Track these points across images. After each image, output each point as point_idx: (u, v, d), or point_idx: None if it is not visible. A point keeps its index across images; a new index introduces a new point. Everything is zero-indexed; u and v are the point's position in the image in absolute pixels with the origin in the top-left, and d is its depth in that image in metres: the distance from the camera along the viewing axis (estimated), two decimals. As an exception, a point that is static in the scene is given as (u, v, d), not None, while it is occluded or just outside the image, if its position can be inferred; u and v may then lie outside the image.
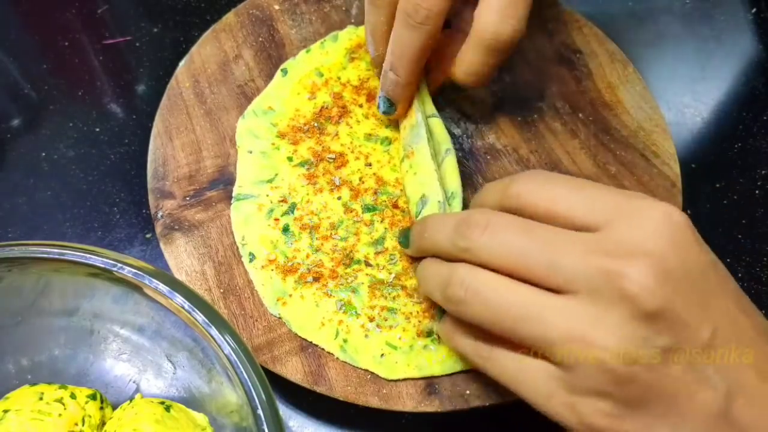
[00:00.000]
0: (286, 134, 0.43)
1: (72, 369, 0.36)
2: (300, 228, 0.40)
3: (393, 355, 0.37)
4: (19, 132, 0.48)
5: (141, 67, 0.51)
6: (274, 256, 0.39)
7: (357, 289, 0.39)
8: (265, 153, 0.42)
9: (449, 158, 0.41)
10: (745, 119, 0.51)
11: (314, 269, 0.39)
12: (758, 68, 0.53)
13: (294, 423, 0.39)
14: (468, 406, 0.36)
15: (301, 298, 0.38)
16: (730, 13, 0.56)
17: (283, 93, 0.45)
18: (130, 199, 0.46)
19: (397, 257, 0.40)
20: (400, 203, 0.41)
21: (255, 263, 0.39)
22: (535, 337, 0.28)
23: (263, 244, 0.40)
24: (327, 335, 0.38)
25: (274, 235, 0.40)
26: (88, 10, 0.53)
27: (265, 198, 0.41)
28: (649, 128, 0.45)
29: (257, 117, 0.44)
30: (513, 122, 0.45)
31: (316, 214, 0.41)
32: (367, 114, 0.44)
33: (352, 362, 0.37)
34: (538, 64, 0.47)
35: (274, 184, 0.42)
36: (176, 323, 0.33)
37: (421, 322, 0.38)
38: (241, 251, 0.40)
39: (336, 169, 0.42)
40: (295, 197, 0.41)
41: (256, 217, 0.41)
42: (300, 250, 0.40)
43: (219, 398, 0.33)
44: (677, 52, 0.54)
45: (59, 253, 0.32)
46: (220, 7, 0.53)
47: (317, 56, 0.46)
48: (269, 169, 0.42)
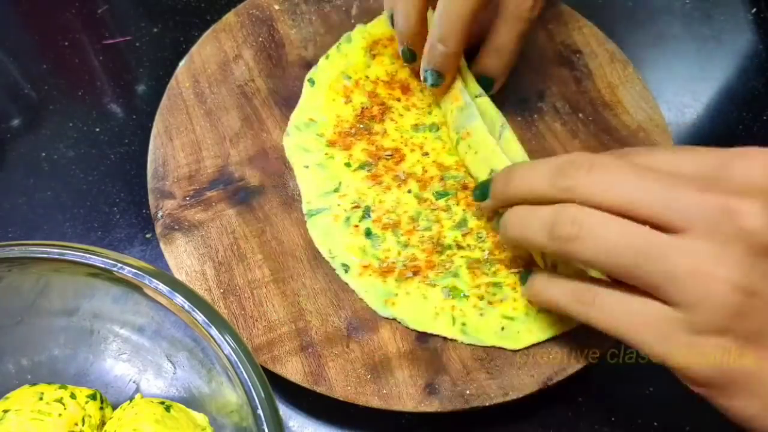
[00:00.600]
0: (335, 142, 0.43)
1: (72, 369, 0.36)
2: (382, 228, 0.41)
3: (513, 326, 0.38)
4: (19, 132, 0.48)
5: (141, 67, 0.51)
6: (368, 262, 0.40)
7: (457, 272, 0.39)
8: (322, 164, 0.43)
9: (507, 133, 0.41)
10: (745, 119, 0.51)
11: (410, 264, 0.40)
12: (758, 68, 0.53)
13: (294, 423, 0.39)
14: (468, 406, 0.36)
15: (407, 294, 0.39)
16: (730, 13, 0.56)
17: (317, 103, 0.44)
18: (130, 199, 0.46)
19: (484, 234, 0.40)
20: (468, 183, 0.42)
21: (351, 273, 0.40)
22: (658, 275, 0.28)
23: (352, 252, 0.40)
24: (445, 323, 0.38)
25: (359, 241, 0.40)
26: (88, 10, 0.53)
27: (337, 208, 0.41)
28: (649, 128, 0.45)
29: (301, 131, 0.44)
30: (513, 122, 0.45)
31: (393, 212, 0.41)
32: (408, 106, 0.44)
33: (478, 342, 0.38)
34: (538, 64, 0.47)
35: (341, 193, 0.42)
36: (176, 323, 0.33)
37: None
38: (332, 265, 0.40)
39: (396, 164, 0.42)
40: (366, 200, 0.41)
41: (336, 228, 0.41)
42: (390, 250, 0.40)
43: (219, 398, 0.33)
44: (677, 52, 0.54)
45: (59, 253, 0.32)
46: (220, 7, 0.53)
47: (338, 60, 0.46)
48: (331, 179, 0.42)
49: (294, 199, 0.42)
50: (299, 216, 0.42)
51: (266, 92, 0.46)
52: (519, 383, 0.37)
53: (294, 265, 0.40)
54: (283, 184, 0.43)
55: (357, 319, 0.39)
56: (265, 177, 0.43)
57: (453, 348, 0.38)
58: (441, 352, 0.38)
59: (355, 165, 0.43)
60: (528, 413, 0.40)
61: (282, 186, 0.43)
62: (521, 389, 0.37)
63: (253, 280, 0.40)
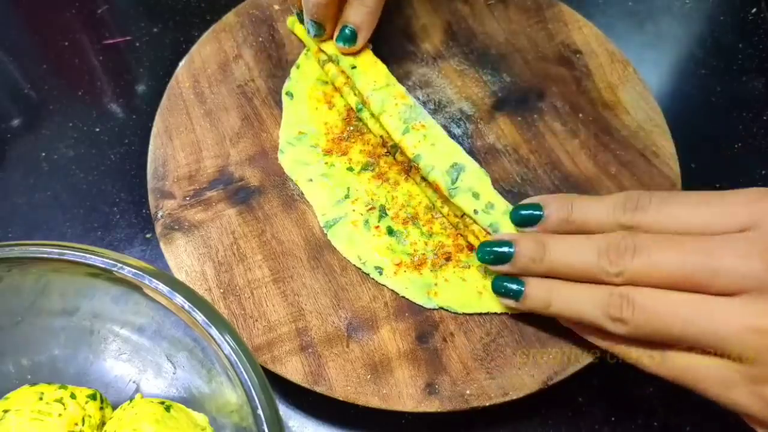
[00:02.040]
0: (331, 150, 0.43)
1: (72, 369, 0.36)
2: (402, 224, 0.41)
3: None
4: (19, 132, 0.48)
5: (141, 67, 0.51)
6: (399, 260, 0.40)
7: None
8: (325, 174, 0.43)
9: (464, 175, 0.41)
10: (745, 119, 0.51)
11: (440, 252, 0.40)
12: (758, 68, 0.53)
13: (294, 423, 0.39)
14: (468, 406, 0.36)
15: (446, 282, 0.39)
16: (730, 13, 0.56)
17: (302, 115, 0.44)
18: (130, 199, 0.46)
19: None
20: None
21: (386, 274, 0.40)
22: (708, 335, 0.29)
23: (381, 254, 0.40)
24: (491, 300, 0.38)
25: (384, 241, 0.40)
26: (88, 10, 0.53)
27: (352, 213, 0.41)
28: (649, 128, 0.45)
29: (295, 146, 0.44)
30: (513, 122, 0.45)
31: (408, 205, 0.42)
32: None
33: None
34: (538, 64, 0.48)
35: (352, 198, 0.42)
36: (176, 323, 0.33)
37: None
38: (365, 270, 0.40)
39: (398, 156, 0.43)
40: (379, 200, 0.42)
41: (358, 234, 0.41)
42: (417, 242, 0.40)
43: (219, 398, 0.33)
44: (677, 52, 0.54)
45: (59, 253, 0.32)
46: (220, 7, 0.53)
47: (310, 68, 0.46)
48: (338, 186, 0.42)
49: (294, 199, 0.42)
50: (299, 216, 0.42)
51: (266, 92, 0.46)
52: (519, 383, 0.37)
53: (294, 265, 0.40)
54: (283, 184, 0.43)
55: (357, 319, 0.39)
56: (265, 177, 0.43)
57: (453, 348, 0.38)
58: (441, 352, 0.38)
59: (357, 168, 0.43)
60: (528, 413, 0.40)
61: (282, 186, 0.43)
62: (521, 389, 0.37)
63: (253, 280, 0.40)
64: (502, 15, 0.50)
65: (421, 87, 0.47)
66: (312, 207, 0.42)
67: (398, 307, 0.39)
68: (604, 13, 0.54)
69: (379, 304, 0.39)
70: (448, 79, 0.47)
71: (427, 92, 0.46)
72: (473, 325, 0.39)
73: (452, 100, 0.46)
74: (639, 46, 0.53)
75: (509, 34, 0.49)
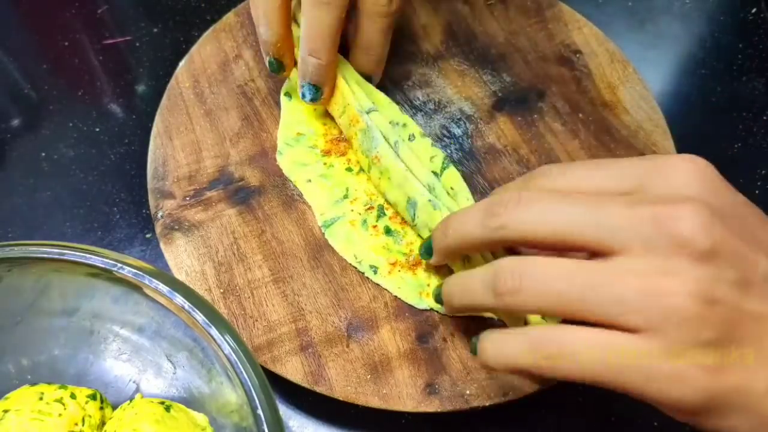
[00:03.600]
0: (330, 150, 0.43)
1: (72, 369, 0.36)
2: (400, 223, 0.41)
3: None
4: (19, 132, 0.48)
5: (141, 67, 0.51)
6: (394, 259, 0.40)
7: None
8: (324, 175, 0.43)
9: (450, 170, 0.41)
10: (745, 119, 0.51)
11: None
12: (758, 68, 0.53)
13: (294, 423, 0.39)
14: (468, 406, 0.36)
15: (439, 283, 0.39)
16: (730, 13, 0.56)
17: (300, 116, 0.44)
18: (130, 199, 0.46)
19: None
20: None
21: (380, 273, 0.40)
22: (609, 304, 0.26)
23: (377, 253, 0.40)
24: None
25: (381, 241, 0.40)
26: (88, 10, 0.53)
27: (351, 213, 0.41)
28: (649, 128, 0.45)
29: (293, 147, 0.44)
30: (513, 122, 0.45)
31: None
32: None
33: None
34: (538, 64, 0.48)
35: (350, 198, 0.42)
36: (176, 323, 0.33)
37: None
38: (360, 269, 0.40)
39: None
40: (377, 200, 0.42)
41: (355, 233, 0.41)
42: (413, 243, 0.40)
43: (219, 398, 0.33)
44: (677, 52, 0.54)
45: (59, 253, 0.32)
46: (220, 7, 0.53)
47: None
48: (337, 187, 0.42)
49: (294, 199, 0.42)
50: (299, 216, 0.42)
51: (266, 92, 0.46)
52: (519, 383, 0.37)
53: (294, 265, 0.40)
54: (283, 184, 0.43)
55: (357, 319, 0.39)
56: (265, 177, 0.43)
57: (453, 348, 0.38)
58: (441, 352, 0.38)
59: (356, 168, 0.43)
60: (528, 413, 0.40)
61: (282, 186, 0.43)
62: (521, 389, 0.37)
63: (253, 280, 0.40)
64: (502, 15, 0.50)
65: (421, 87, 0.47)
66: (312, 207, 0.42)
67: (398, 307, 0.39)
68: (604, 13, 0.54)
69: (379, 304, 0.39)
70: (448, 79, 0.47)
71: (427, 92, 0.46)
72: (473, 325, 0.39)
73: (452, 100, 0.46)
74: (639, 46, 0.53)
75: (509, 34, 0.49)
